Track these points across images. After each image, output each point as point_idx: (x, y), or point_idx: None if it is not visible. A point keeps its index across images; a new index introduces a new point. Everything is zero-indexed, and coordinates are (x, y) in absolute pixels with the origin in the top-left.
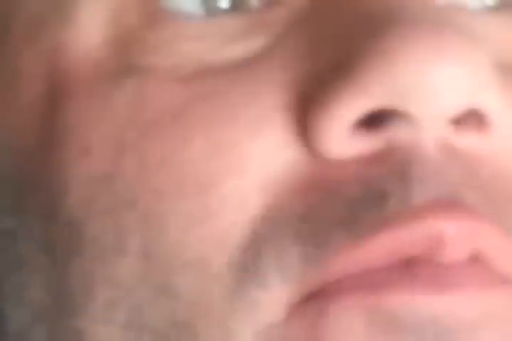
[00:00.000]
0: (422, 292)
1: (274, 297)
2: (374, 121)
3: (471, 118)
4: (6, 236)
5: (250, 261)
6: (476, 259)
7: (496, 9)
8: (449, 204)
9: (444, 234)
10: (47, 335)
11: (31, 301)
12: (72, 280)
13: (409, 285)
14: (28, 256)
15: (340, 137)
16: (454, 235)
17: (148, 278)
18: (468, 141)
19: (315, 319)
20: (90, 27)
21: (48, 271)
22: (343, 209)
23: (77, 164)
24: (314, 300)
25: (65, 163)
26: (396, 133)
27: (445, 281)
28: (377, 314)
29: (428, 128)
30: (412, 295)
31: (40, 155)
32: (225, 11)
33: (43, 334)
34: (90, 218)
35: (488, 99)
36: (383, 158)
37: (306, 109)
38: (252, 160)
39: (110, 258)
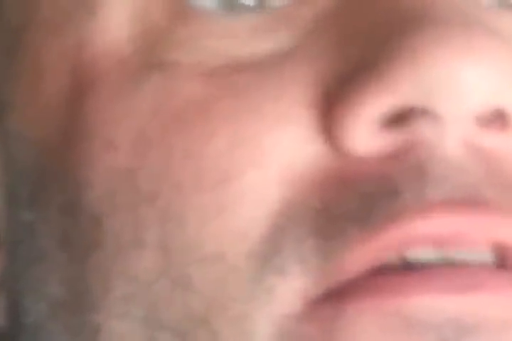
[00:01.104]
0: (442, 293)
1: (291, 286)
2: (398, 117)
3: (494, 118)
4: (24, 229)
5: (270, 252)
6: (500, 261)
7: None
8: (466, 202)
9: (458, 229)
10: (63, 329)
11: (49, 295)
12: (89, 274)
13: (427, 287)
14: (46, 250)
15: (365, 135)
16: (468, 229)
17: (166, 272)
18: (491, 140)
19: (331, 320)
20: (115, 22)
21: (65, 265)
22: (357, 204)
23: (101, 158)
24: (331, 300)
25: (88, 157)
26: (420, 131)
27: (466, 282)
28: (395, 317)
29: (453, 127)
30: (431, 297)
31: (62, 149)
32: (249, 8)
33: (60, 328)
34: (112, 212)
35: None
36: (403, 156)
37: (330, 106)
38: (272, 153)
39: (128, 253)
